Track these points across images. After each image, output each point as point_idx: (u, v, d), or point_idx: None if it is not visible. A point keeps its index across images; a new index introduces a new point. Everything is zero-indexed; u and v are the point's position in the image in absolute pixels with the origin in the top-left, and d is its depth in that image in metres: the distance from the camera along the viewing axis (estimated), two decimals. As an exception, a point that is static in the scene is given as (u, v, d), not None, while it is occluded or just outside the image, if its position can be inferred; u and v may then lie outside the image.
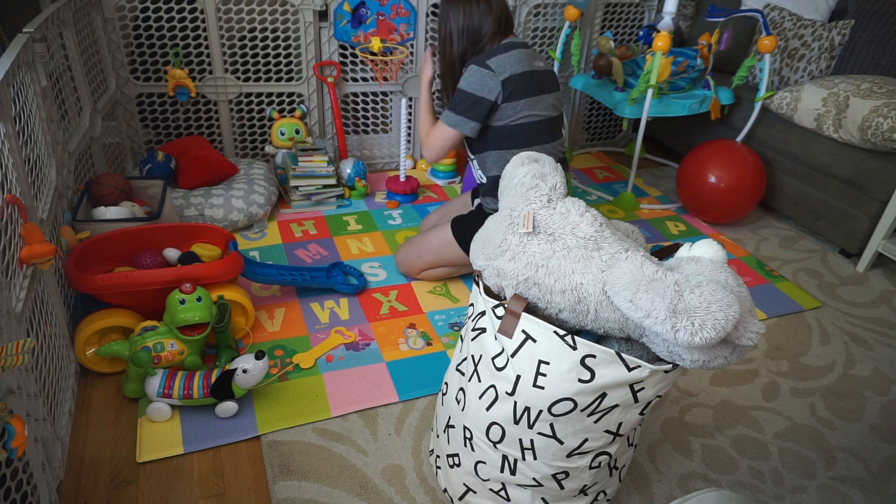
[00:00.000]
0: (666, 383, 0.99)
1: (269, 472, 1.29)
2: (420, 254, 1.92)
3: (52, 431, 1.23)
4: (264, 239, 2.15)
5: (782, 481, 1.37)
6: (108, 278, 1.44)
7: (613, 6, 2.81)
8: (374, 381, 1.55)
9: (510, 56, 1.68)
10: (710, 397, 1.60)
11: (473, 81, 1.68)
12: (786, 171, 2.45)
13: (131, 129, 2.35)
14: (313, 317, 1.77)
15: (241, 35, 2.31)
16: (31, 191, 1.35)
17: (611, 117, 3.15)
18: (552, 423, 1.01)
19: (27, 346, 0.93)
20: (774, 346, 1.80)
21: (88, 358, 1.48)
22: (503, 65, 1.66)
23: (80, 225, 1.64)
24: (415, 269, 1.95)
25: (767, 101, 2.41)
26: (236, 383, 1.38)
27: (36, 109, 1.47)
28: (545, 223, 1.02)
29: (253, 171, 2.30)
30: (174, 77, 2.24)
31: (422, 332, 1.75)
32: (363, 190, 2.46)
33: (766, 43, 2.28)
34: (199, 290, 1.43)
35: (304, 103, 2.49)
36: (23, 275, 1.21)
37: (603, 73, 2.61)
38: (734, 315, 0.86)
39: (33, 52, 1.50)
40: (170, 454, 1.32)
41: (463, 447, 1.15)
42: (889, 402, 1.62)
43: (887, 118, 2.03)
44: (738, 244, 2.35)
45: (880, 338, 1.87)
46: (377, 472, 1.31)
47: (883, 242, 2.12)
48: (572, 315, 1.01)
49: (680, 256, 1.03)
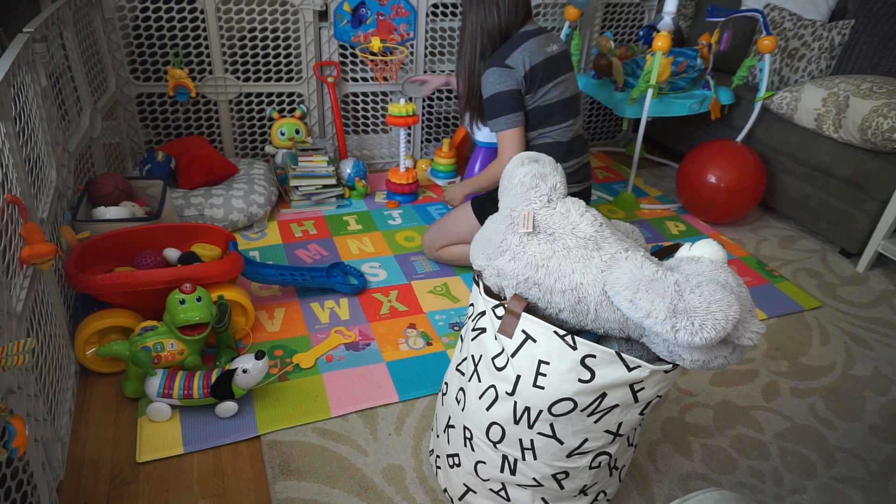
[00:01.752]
0: (666, 383, 0.99)
1: (269, 472, 1.29)
2: (443, 230, 1.99)
3: (53, 431, 1.23)
4: (264, 239, 2.15)
5: (782, 481, 1.37)
6: (108, 278, 1.44)
7: (613, 6, 2.81)
8: (374, 381, 1.55)
9: (524, 49, 1.71)
10: (710, 397, 1.60)
11: (498, 81, 1.71)
12: (786, 171, 2.45)
13: (131, 129, 2.35)
14: (313, 317, 1.77)
15: (241, 35, 2.31)
16: (32, 191, 1.35)
17: (611, 117, 3.15)
18: (552, 423, 1.01)
19: (28, 346, 0.93)
20: (774, 346, 1.80)
21: (88, 358, 1.48)
22: (519, 60, 1.70)
23: (80, 225, 1.64)
24: (436, 245, 2.00)
25: (767, 101, 2.41)
26: (236, 383, 1.38)
27: (36, 109, 1.47)
28: (545, 223, 1.02)
29: (253, 171, 2.30)
30: (174, 77, 2.24)
31: (422, 332, 1.75)
32: (363, 190, 2.46)
33: (766, 43, 2.28)
34: (199, 290, 1.43)
35: (304, 103, 2.49)
36: (23, 275, 1.21)
37: (603, 73, 2.61)
38: (734, 315, 0.86)
39: (33, 52, 1.50)
40: (170, 454, 1.32)
41: (463, 447, 1.15)
42: (889, 402, 1.62)
43: (887, 118, 2.03)
44: (738, 244, 2.35)
45: (880, 338, 1.87)
46: (377, 472, 1.31)
47: (883, 242, 2.12)
48: (572, 315, 1.01)
49: (680, 256, 1.03)
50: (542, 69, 1.72)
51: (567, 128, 1.81)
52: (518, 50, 1.71)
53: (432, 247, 2.02)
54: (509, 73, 1.71)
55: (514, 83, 1.71)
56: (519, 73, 1.70)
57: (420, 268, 2.05)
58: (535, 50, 1.72)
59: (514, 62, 1.70)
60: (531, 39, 1.73)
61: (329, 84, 2.45)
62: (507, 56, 1.71)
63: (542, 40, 1.74)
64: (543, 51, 1.73)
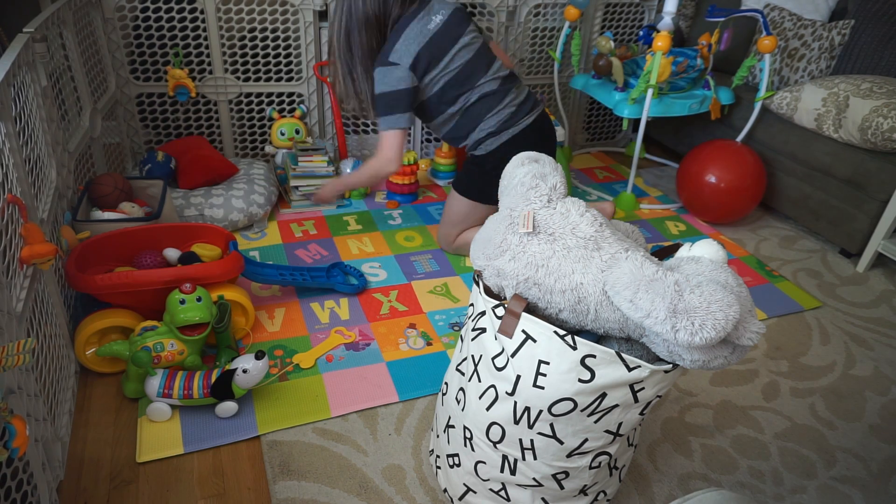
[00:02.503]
0: (666, 383, 0.99)
1: (269, 472, 1.29)
2: (448, 221, 2.03)
3: (53, 431, 1.23)
4: (264, 239, 2.15)
5: (782, 481, 1.37)
6: (108, 278, 1.44)
7: (613, 6, 2.81)
8: (374, 381, 1.55)
9: (404, 39, 1.68)
10: (710, 397, 1.60)
11: (385, 81, 1.70)
12: (786, 171, 2.45)
13: (131, 129, 2.35)
14: (313, 317, 1.77)
15: (241, 35, 2.31)
16: (32, 191, 1.35)
17: (611, 117, 3.15)
18: (552, 423, 1.01)
19: (28, 346, 0.93)
20: (774, 346, 1.80)
21: (88, 358, 1.48)
22: (402, 53, 1.68)
23: (80, 225, 1.64)
24: (451, 238, 2.04)
25: (767, 101, 2.41)
26: (236, 383, 1.38)
27: (36, 109, 1.47)
28: (545, 223, 1.02)
29: (253, 171, 2.30)
30: (174, 77, 2.24)
31: (422, 332, 1.75)
32: (363, 190, 2.46)
33: (766, 43, 2.28)
34: (199, 290, 1.43)
35: (304, 103, 2.49)
36: (23, 275, 1.21)
37: (603, 73, 2.61)
38: (734, 315, 0.86)
39: (33, 52, 1.50)
40: (170, 454, 1.32)
41: (463, 447, 1.15)
42: (889, 402, 1.62)
43: (887, 118, 2.03)
44: (738, 244, 2.35)
45: (880, 338, 1.87)
46: (377, 472, 1.31)
47: (883, 242, 2.12)
48: (572, 315, 1.01)
49: (680, 256, 1.03)
50: (427, 52, 1.69)
51: (490, 79, 1.80)
52: (399, 41, 1.67)
53: (448, 241, 2.06)
54: (392, 70, 1.68)
55: (399, 82, 1.69)
56: (404, 68, 1.67)
57: (420, 268, 2.05)
58: (415, 36, 1.68)
59: (396, 57, 1.66)
60: (410, 25, 1.68)
61: (329, 84, 2.45)
62: (389, 52, 1.68)
63: (422, 21, 1.70)
64: (426, 30, 1.69)
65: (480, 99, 1.83)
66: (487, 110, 1.82)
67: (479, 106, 1.83)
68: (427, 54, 1.69)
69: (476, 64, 1.79)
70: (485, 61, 1.81)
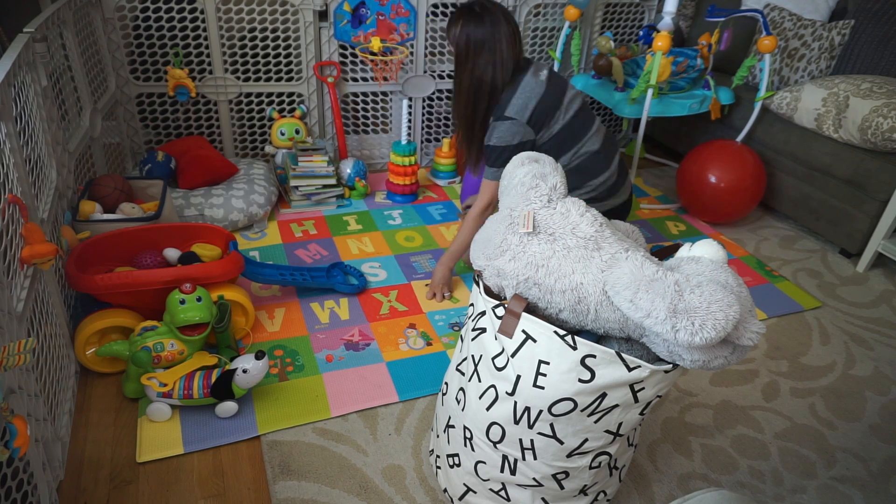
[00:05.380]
0: (666, 383, 0.99)
1: (269, 472, 1.29)
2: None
3: (53, 431, 1.23)
4: (264, 239, 2.15)
5: (782, 481, 1.37)
6: (108, 278, 1.44)
7: (613, 6, 2.81)
8: (374, 381, 1.55)
9: (521, 94, 1.68)
10: (710, 397, 1.60)
11: (503, 135, 1.70)
12: (786, 171, 2.45)
13: (131, 129, 2.35)
14: (313, 317, 1.77)
15: (241, 35, 2.31)
16: (32, 191, 1.35)
17: (611, 117, 3.15)
18: (552, 423, 1.01)
19: (28, 346, 0.93)
20: (774, 346, 1.80)
21: (88, 358, 1.48)
22: (519, 107, 1.68)
23: (80, 225, 1.64)
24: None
25: (767, 101, 2.41)
26: (236, 383, 1.38)
27: (36, 109, 1.47)
28: (545, 223, 1.02)
29: (253, 171, 2.30)
30: (174, 77, 2.24)
31: (422, 332, 1.75)
32: (363, 190, 2.46)
33: (766, 43, 2.28)
34: (199, 290, 1.43)
35: (304, 103, 2.49)
36: (24, 275, 1.21)
37: (603, 73, 2.61)
38: (734, 315, 0.86)
39: (34, 52, 1.50)
40: (170, 454, 1.32)
41: (463, 447, 1.15)
42: (889, 402, 1.62)
43: (887, 118, 2.03)
44: (738, 244, 2.35)
45: (880, 338, 1.87)
46: (377, 472, 1.31)
47: (883, 242, 2.12)
48: (572, 315, 1.01)
49: (680, 256, 1.03)
50: (544, 104, 1.70)
51: (593, 136, 1.78)
52: (515, 97, 1.68)
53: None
54: (513, 125, 1.68)
55: (513, 136, 1.69)
56: (521, 124, 1.68)
57: (420, 268, 2.05)
58: (531, 88, 1.68)
59: (514, 112, 1.67)
60: (525, 79, 1.69)
61: (329, 84, 2.45)
62: (505, 107, 1.68)
63: (533, 74, 1.71)
64: (538, 82, 1.70)
65: (588, 157, 1.78)
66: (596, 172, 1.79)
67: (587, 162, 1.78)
68: (542, 107, 1.70)
69: (582, 118, 1.78)
70: (589, 116, 1.81)
